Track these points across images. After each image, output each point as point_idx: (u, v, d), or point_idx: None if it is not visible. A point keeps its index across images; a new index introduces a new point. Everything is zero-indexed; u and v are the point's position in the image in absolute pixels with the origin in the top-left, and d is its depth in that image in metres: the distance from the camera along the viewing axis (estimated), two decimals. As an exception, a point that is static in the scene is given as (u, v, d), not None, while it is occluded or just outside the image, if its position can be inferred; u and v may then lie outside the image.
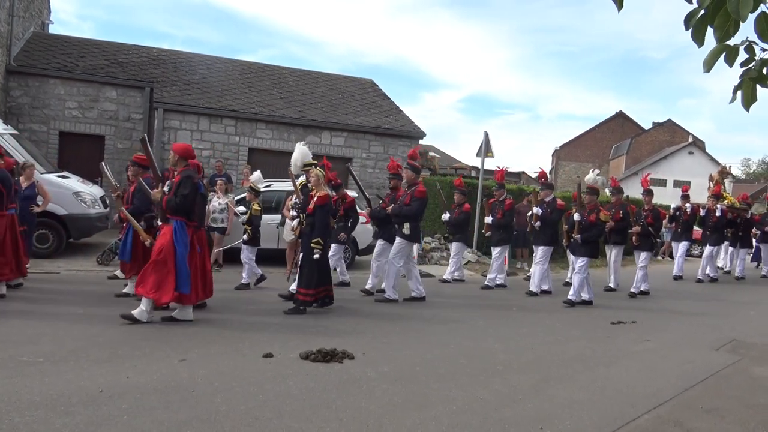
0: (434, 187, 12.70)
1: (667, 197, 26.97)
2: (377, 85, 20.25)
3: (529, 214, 10.62)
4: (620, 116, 55.82)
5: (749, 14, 2.42)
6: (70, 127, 15.04)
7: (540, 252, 10.47)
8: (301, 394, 4.55)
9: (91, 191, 11.22)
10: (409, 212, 8.64)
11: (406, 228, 8.67)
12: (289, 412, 4.17)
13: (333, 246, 9.74)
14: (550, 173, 58.76)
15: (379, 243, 9.41)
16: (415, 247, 11.43)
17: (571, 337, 7.34)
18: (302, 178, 8.60)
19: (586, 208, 9.74)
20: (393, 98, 19.30)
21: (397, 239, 8.80)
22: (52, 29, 20.12)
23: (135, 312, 6.39)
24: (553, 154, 58.16)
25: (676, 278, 13.86)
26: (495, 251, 11.22)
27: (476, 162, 14.98)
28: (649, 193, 11.70)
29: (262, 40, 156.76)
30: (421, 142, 17.96)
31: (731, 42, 2.65)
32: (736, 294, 12.55)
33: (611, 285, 11.63)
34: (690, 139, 48.53)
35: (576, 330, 7.75)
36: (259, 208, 9.45)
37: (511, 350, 6.44)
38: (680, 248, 14.09)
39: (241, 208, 11.05)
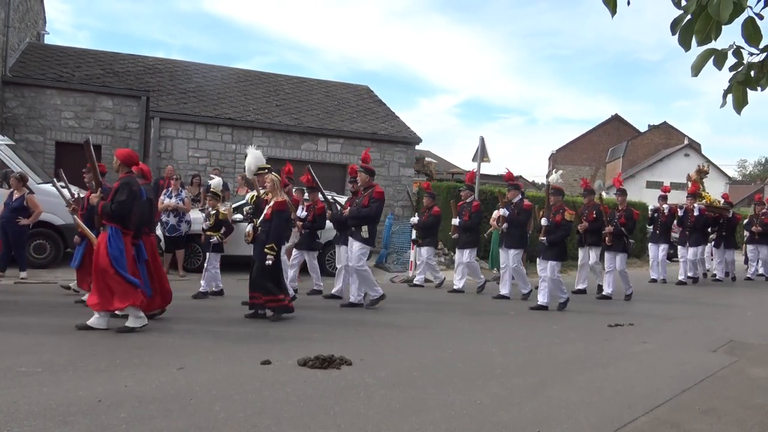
0: (406, 191, 12.60)
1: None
2: (373, 92, 20.30)
3: (496, 216, 10.50)
4: (616, 119, 55.98)
5: (735, 18, 2.45)
6: (67, 137, 15.04)
7: (510, 255, 10.20)
8: (299, 401, 4.56)
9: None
10: (368, 214, 8.44)
11: (365, 231, 8.46)
12: (288, 419, 4.18)
13: (306, 253, 9.70)
14: (546, 177, 59.06)
15: (344, 248, 9.10)
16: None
17: (569, 339, 7.36)
18: (252, 193, 8.60)
19: (552, 210, 9.51)
20: (389, 104, 19.37)
21: (356, 243, 8.55)
22: (48, 39, 20.19)
23: (128, 322, 6.37)
24: (549, 158, 58.27)
25: (654, 281, 13.65)
26: (460, 254, 10.96)
27: (473, 167, 14.97)
28: (622, 192, 11.53)
29: (257, 48, 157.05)
30: (417, 147, 17.99)
31: (719, 46, 2.68)
32: (733, 295, 12.59)
33: (606, 292, 11.08)
34: (686, 141, 48.66)
35: (573, 332, 7.77)
36: (226, 213, 9.16)
37: (508, 353, 6.45)
38: (660, 251, 13.80)
39: (238, 216, 11.09)
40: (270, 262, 7.33)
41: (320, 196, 9.40)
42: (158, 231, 10.43)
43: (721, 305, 11.07)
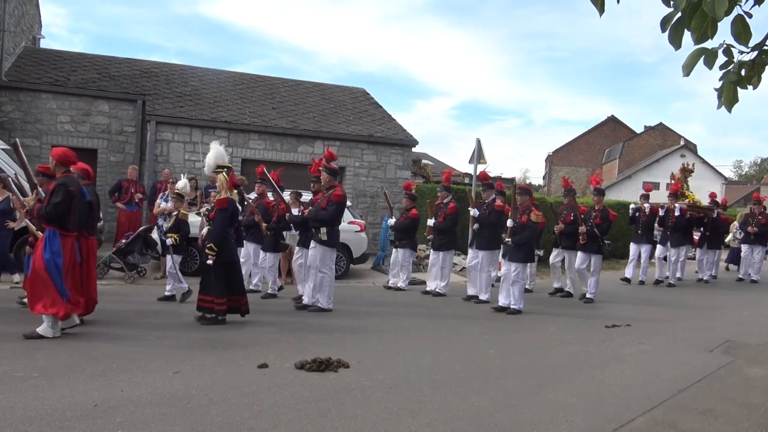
0: (382, 192, 12.43)
1: (661, 200, 26.97)
2: (369, 94, 20.31)
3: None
4: (612, 120, 56.12)
5: (726, 15, 2.46)
6: (63, 141, 14.97)
7: (481, 257, 9.98)
8: (296, 404, 4.55)
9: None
10: (326, 216, 8.23)
11: (323, 233, 8.25)
12: (285, 422, 4.18)
13: (269, 255, 9.55)
14: (543, 178, 59.06)
15: (304, 250, 8.83)
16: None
17: (566, 341, 7.36)
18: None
19: (519, 210, 9.27)
20: (385, 107, 19.40)
21: (317, 246, 8.35)
22: (44, 43, 20.14)
23: (39, 329, 6.17)
24: (546, 159, 58.38)
25: (626, 280, 13.30)
26: (434, 255, 10.74)
27: (470, 169, 15.00)
28: (599, 192, 11.12)
29: (253, 51, 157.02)
30: (414, 149, 18.01)
31: (709, 45, 2.69)
32: (729, 296, 12.61)
33: (589, 294, 10.78)
34: (681, 142, 48.77)
35: (570, 334, 7.77)
36: (187, 213, 8.91)
37: (505, 355, 6.45)
38: (644, 253, 13.27)
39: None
40: (210, 261, 7.16)
41: (278, 196, 9.17)
42: (155, 234, 10.44)
43: (718, 306, 11.08)
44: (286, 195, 9.83)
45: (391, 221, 11.41)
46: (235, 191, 7.92)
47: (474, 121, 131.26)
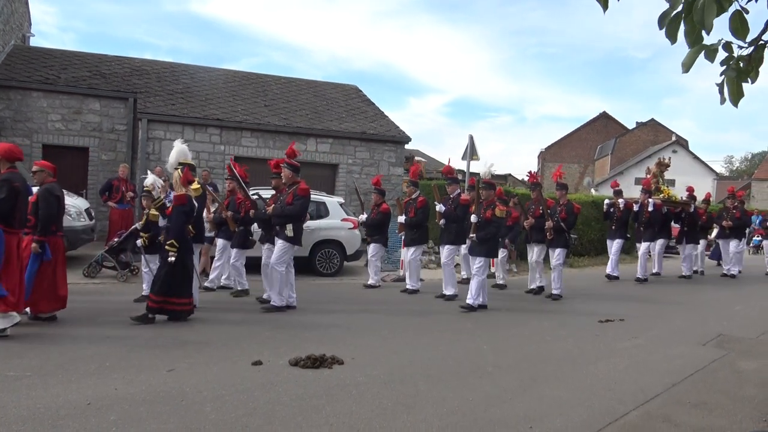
0: (352, 187, 12.17)
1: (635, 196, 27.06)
2: (362, 91, 20.30)
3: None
4: (604, 116, 56.29)
5: (719, 15, 2.47)
6: (54, 140, 14.92)
7: (445, 252, 9.87)
8: (291, 401, 4.54)
9: (76, 203, 11.14)
10: (292, 212, 8.07)
11: (289, 230, 8.08)
12: (280, 419, 4.17)
13: (235, 252, 9.32)
14: (536, 174, 59.22)
15: (268, 247, 8.66)
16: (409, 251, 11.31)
17: (560, 336, 7.38)
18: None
19: (483, 205, 9.06)
20: (378, 104, 19.37)
21: (279, 242, 8.16)
22: (33, 42, 20.03)
23: None
24: (539, 156, 58.52)
25: (610, 278, 13.04)
26: (408, 252, 10.54)
27: (462, 165, 15.02)
28: (562, 187, 10.92)
29: (245, 49, 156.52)
30: (407, 146, 18.01)
31: (708, 42, 2.70)
32: (721, 290, 12.67)
33: (536, 286, 10.87)
34: (673, 138, 48.98)
35: (564, 329, 7.79)
36: (157, 214, 8.18)
37: (499, 351, 6.46)
38: (614, 246, 13.12)
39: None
40: (172, 259, 7.05)
41: (244, 192, 9.06)
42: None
43: (710, 300, 11.15)
44: (266, 193, 9.73)
45: (362, 217, 11.20)
46: (198, 186, 7.82)
47: (466, 117, 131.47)
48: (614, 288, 12.19)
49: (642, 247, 13.39)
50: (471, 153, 14.32)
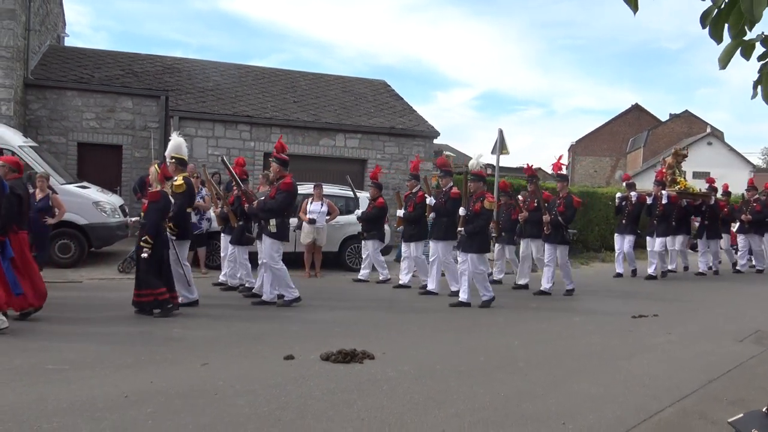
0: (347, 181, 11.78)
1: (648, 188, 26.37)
2: (390, 86, 20.26)
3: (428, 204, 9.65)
4: (636, 109, 55.26)
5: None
6: (88, 138, 15.23)
7: (432, 248, 9.62)
8: (322, 395, 4.58)
9: (111, 200, 11.38)
10: (273, 206, 7.91)
11: (272, 225, 7.93)
12: (312, 413, 4.20)
13: (237, 249, 9.09)
14: (567, 168, 58.58)
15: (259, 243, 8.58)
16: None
17: (591, 331, 7.30)
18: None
19: (473, 198, 8.72)
20: (406, 98, 19.32)
21: (267, 239, 8.02)
22: (68, 42, 20.41)
23: None
24: (569, 149, 57.77)
25: (620, 276, 12.31)
26: (407, 247, 10.36)
27: (492, 160, 14.89)
28: (562, 178, 10.48)
29: (273, 45, 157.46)
30: (435, 141, 17.93)
31: (746, 37, 2.61)
32: (757, 284, 12.39)
33: (524, 282, 10.58)
34: (708, 130, 47.94)
35: (595, 324, 7.70)
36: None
37: (530, 346, 6.41)
38: (626, 243, 12.29)
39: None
40: (145, 255, 7.06)
41: (236, 187, 8.94)
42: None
43: (746, 294, 10.92)
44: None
45: (358, 212, 10.97)
46: (182, 182, 7.78)
47: (495, 111, 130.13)
48: (642, 285, 11.99)
49: (657, 242, 12.46)
50: (501, 147, 14.19)
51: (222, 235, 9.69)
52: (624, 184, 12.97)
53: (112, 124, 15.46)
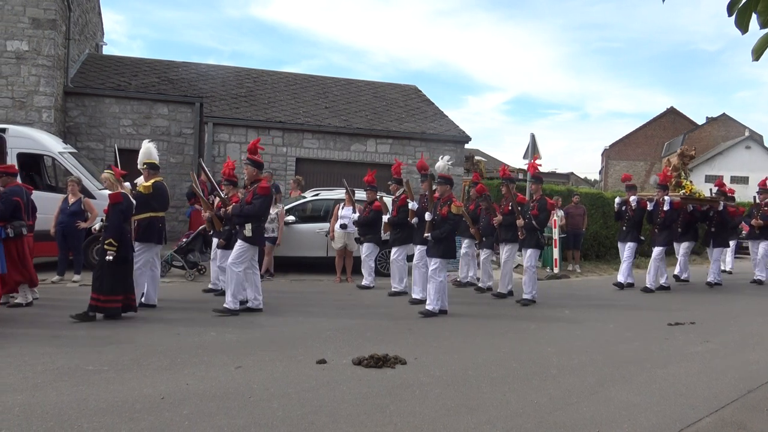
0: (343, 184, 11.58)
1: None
2: (421, 91, 20.30)
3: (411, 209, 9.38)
4: (672, 112, 54.33)
5: None
6: (125, 144, 15.54)
7: (417, 253, 9.35)
8: (355, 399, 4.60)
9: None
10: (251, 211, 7.73)
11: (248, 230, 7.76)
12: (344, 417, 4.23)
13: (220, 253, 8.88)
14: (600, 173, 57.68)
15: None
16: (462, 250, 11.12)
17: (626, 339, 7.19)
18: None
19: (440, 202, 8.54)
20: (437, 103, 19.33)
21: (238, 242, 7.86)
22: (105, 50, 20.93)
23: None
24: (602, 154, 57.02)
25: (620, 286, 11.52)
26: (394, 252, 10.11)
27: (524, 164, 14.80)
28: (537, 180, 9.93)
29: (305, 51, 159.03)
30: (466, 146, 17.90)
31: None
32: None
33: (506, 290, 10.05)
34: (746, 133, 46.84)
35: (631, 332, 7.59)
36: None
37: (563, 353, 6.35)
38: (626, 250, 11.58)
39: (291, 218, 11.27)
40: (110, 257, 7.00)
41: (209, 193, 8.79)
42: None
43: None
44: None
45: (354, 216, 10.74)
46: (149, 184, 7.85)
47: (527, 115, 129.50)
48: (678, 292, 11.77)
49: (655, 251, 11.55)
50: (532, 152, 14.09)
51: (214, 239, 9.46)
52: (624, 186, 12.14)
53: (148, 131, 15.78)
